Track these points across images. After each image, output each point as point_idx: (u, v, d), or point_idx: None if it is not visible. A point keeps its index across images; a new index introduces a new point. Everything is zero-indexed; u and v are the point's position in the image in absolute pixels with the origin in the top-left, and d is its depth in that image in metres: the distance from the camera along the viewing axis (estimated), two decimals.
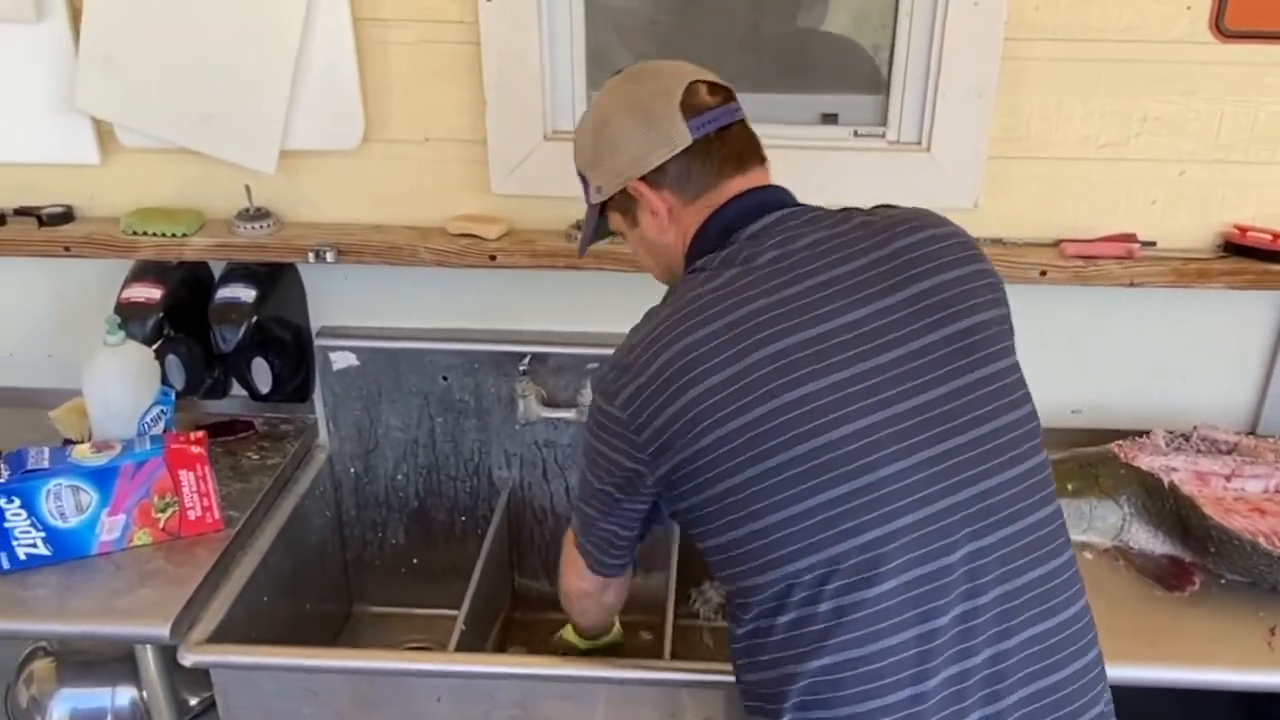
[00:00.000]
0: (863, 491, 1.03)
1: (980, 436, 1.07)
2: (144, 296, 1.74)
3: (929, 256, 1.12)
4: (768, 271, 1.10)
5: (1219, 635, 1.42)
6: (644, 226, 1.25)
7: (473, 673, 1.44)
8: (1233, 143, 1.66)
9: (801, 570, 1.04)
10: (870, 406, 1.04)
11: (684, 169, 1.20)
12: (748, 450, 1.04)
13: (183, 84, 1.67)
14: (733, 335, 1.06)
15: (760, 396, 1.04)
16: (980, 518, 1.06)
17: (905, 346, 1.07)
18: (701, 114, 1.19)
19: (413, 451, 1.94)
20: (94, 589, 1.47)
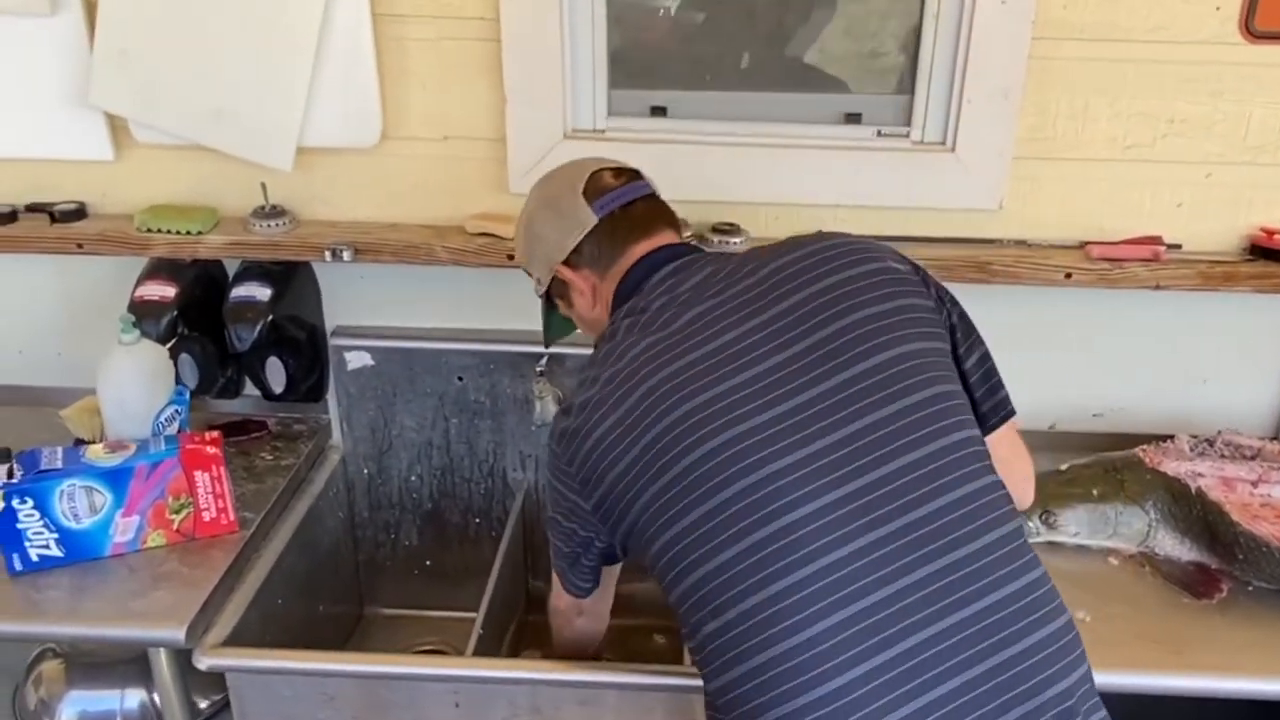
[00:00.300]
0: (775, 537, 1.01)
1: (899, 469, 1.03)
2: (158, 295, 1.72)
3: (817, 264, 1.14)
4: (674, 333, 1.14)
5: (1247, 643, 1.40)
6: (578, 306, 1.35)
7: (491, 677, 1.42)
8: (1261, 145, 1.64)
9: (721, 626, 1.03)
10: (776, 453, 1.04)
11: (595, 247, 1.29)
12: (663, 514, 1.07)
13: (198, 79, 1.65)
14: (641, 410, 1.10)
15: (666, 464, 1.07)
16: (907, 551, 1.00)
17: (811, 390, 1.06)
18: (603, 195, 1.29)
19: (427, 453, 1.93)
20: (108, 591, 1.46)
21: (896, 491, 1.02)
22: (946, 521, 1.02)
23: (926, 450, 1.04)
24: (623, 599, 1.99)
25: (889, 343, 1.08)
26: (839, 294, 1.11)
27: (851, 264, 1.14)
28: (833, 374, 1.07)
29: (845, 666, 0.97)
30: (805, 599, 0.99)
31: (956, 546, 1.01)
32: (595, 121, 1.72)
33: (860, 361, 1.07)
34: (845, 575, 0.99)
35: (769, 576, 1.00)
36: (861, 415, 1.05)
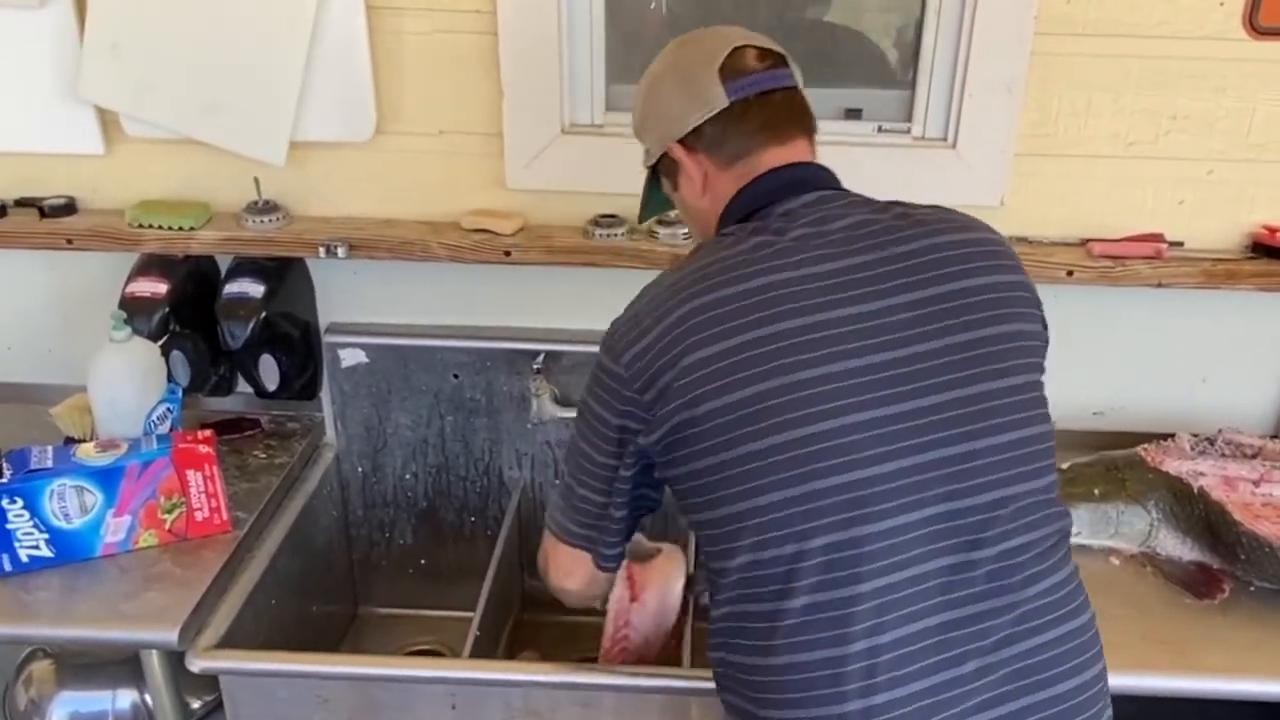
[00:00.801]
0: (843, 489, 1.00)
1: (977, 450, 1.03)
2: (149, 291, 1.69)
3: (961, 259, 1.08)
4: (792, 246, 1.07)
5: (1250, 644, 1.39)
6: (683, 191, 1.23)
7: (487, 679, 1.41)
8: (1264, 142, 1.63)
9: (770, 559, 1.02)
10: (868, 403, 1.01)
11: (719, 132, 1.16)
12: (742, 426, 1.01)
13: (190, 73, 1.63)
14: (748, 304, 1.03)
15: (764, 373, 1.01)
16: (969, 531, 1.02)
17: (915, 346, 1.03)
18: (742, 77, 1.15)
19: (422, 451, 1.91)
20: (99, 592, 1.44)
21: (975, 470, 1.03)
22: (1014, 509, 1.04)
23: (1011, 436, 1.05)
24: None
25: (1015, 367, 1.06)
26: (988, 298, 1.06)
27: (1003, 269, 1.10)
28: (967, 382, 1.03)
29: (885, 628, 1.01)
30: (863, 555, 1.00)
31: (1017, 535, 1.04)
32: (593, 116, 1.70)
33: (993, 379, 1.05)
34: (910, 540, 1.01)
35: (830, 525, 1.00)
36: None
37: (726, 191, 1.17)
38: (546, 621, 1.99)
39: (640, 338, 1.07)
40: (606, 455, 1.14)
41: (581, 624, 1.99)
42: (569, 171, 1.68)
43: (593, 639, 1.95)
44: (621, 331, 1.10)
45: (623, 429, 1.10)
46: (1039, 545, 1.06)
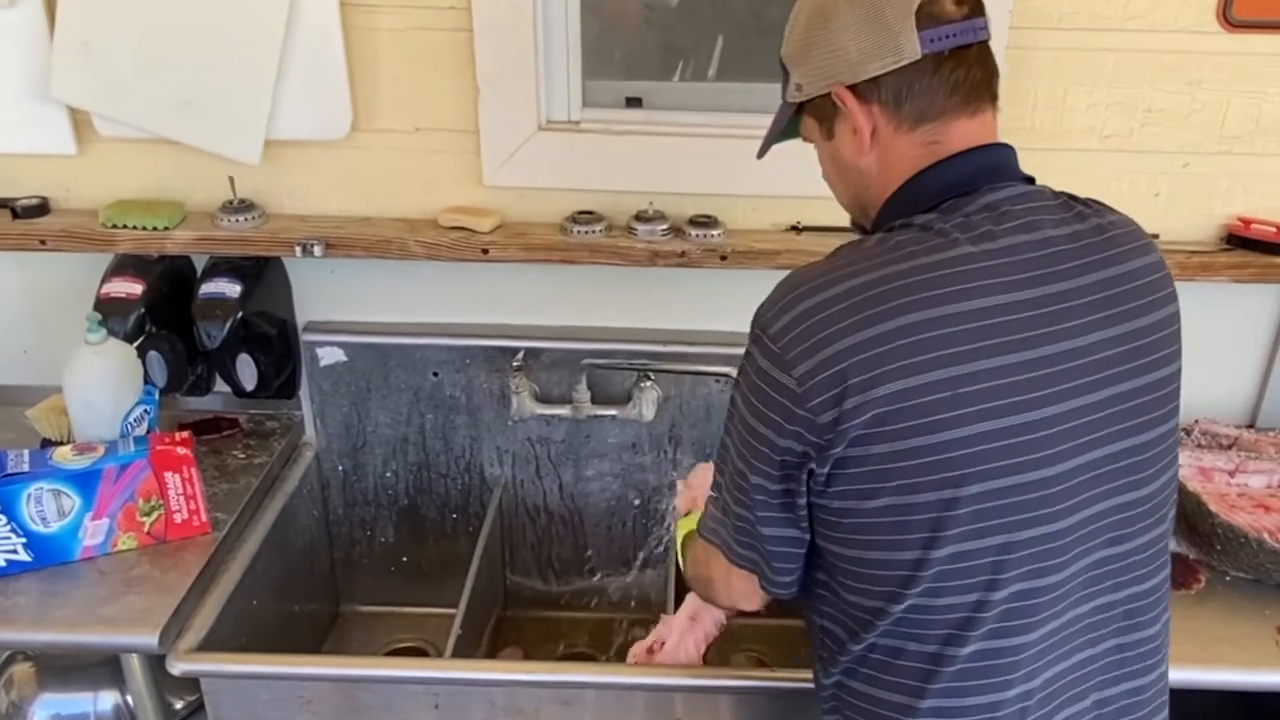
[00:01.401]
0: (1046, 538, 0.96)
1: (1141, 497, 1.01)
2: (124, 292, 1.68)
3: (1149, 288, 1.01)
4: (1005, 264, 0.95)
5: (1226, 635, 1.41)
6: (839, 142, 1.07)
7: (470, 679, 1.41)
8: (1238, 134, 1.64)
9: (946, 605, 0.97)
10: (1067, 452, 0.95)
11: (904, 87, 1.00)
12: (944, 470, 0.92)
13: (163, 71, 1.61)
14: (969, 329, 0.91)
15: (980, 413, 0.91)
16: (1117, 575, 1.03)
17: (1111, 388, 0.96)
18: (940, 25, 0.98)
19: (402, 449, 1.90)
20: (78, 596, 1.43)
21: (1146, 513, 1.02)
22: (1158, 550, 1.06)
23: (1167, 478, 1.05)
24: (604, 592, 2.01)
25: (1176, 408, 1.04)
26: (1165, 334, 1.02)
27: (1172, 298, 1.05)
28: (1149, 426, 0.99)
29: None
30: (1040, 604, 0.98)
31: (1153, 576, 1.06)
32: (570, 113, 1.69)
33: (1164, 422, 1.01)
34: (1075, 585, 1.00)
35: (1018, 576, 0.96)
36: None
37: (904, 160, 1.02)
38: (529, 617, 2.00)
39: (823, 346, 0.92)
40: (768, 479, 1.01)
41: (564, 619, 2.01)
42: (546, 168, 1.68)
43: (574, 634, 1.98)
44: (796, 335, 0.94)
45: (789, 451, 0.97)
46: (1159, 589, 1.06)
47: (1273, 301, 1.78)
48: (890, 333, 0.91)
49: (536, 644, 1.93)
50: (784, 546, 1.05)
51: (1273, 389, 1.82)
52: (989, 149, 1.03)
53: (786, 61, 1.10)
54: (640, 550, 1.96)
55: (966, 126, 1.01)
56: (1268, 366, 1.82)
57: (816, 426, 0.93)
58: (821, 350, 0.92)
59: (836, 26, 1.02)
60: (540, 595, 2.02)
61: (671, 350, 1.78)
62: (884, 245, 0.97)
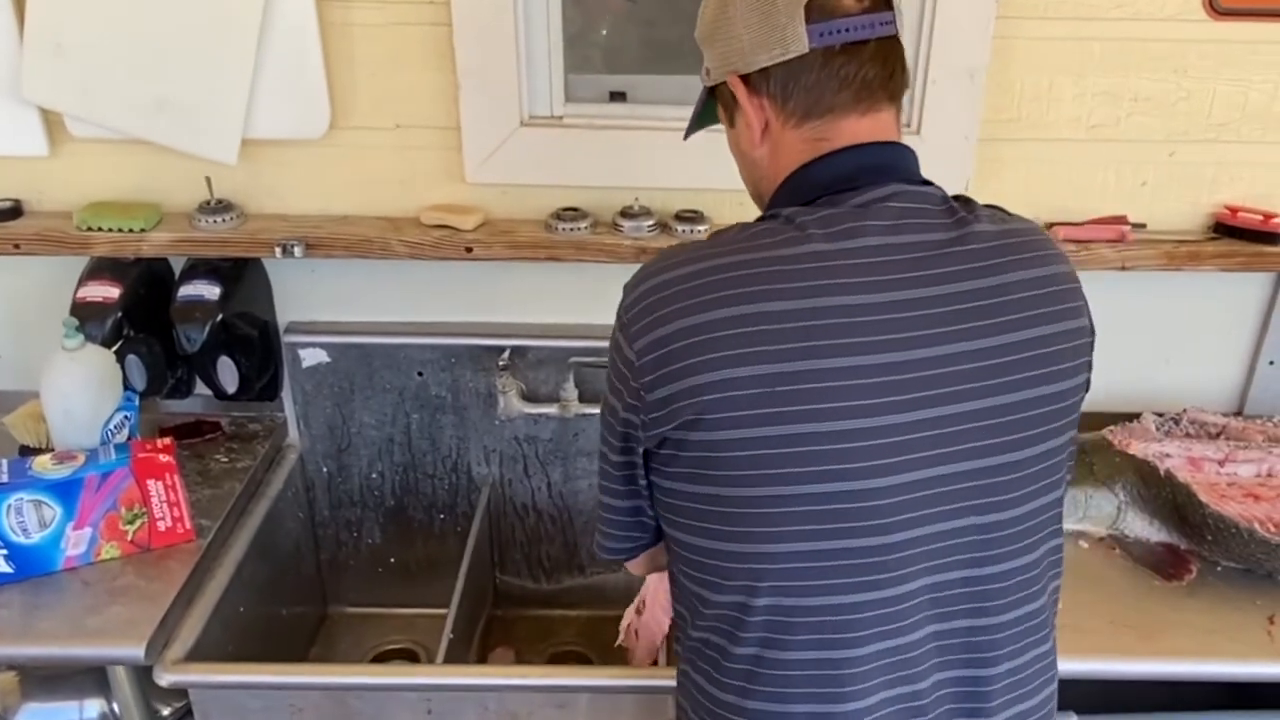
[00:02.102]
0: (876, 550, 0.93)
1: (1002, 520, 0.96)
2: (101, 295, 1.65)
3: (1037, 301, 0.95)
4: (855, 265, 0.92)
5: (1218, 626, 1.41)
6: (739, 131, 1.06)
7: (463, 684, 1.40)
8: (1225, 122, 1.63)
9: (765, 606, 0.95)
10: (906, 464, 0.91)
11: (792, 80, 0.97)
12: (759, 467, 0.91)
13: (136, 71, 1.57)
14: (793, 328, 0.89)
15: (798, 414, 0.89)
16: (983, 599, 0.98)
17: (966, 404, 0.92)
18: (833, 19, 0.95)
19: (388, 449, 1.88)
20: (62, 607, 1.41)
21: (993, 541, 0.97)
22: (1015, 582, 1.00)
23: (1029, 507, 0.98)
24: (594, 590, 2.00)
25: (1057, 429, 0.97)
26: (1047, 352, 0.95)
27: (1068, 314, 0.98)
28: (1009, 448, 0.94)
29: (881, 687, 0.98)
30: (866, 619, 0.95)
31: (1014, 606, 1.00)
32: (553, 108, 1.67)
33: (1035, 443, 0.96)
34: (916, 605, 0.96)
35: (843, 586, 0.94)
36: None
37: (791, 154, 1.00)
38: (519, 616, 2.00)
39: (658, 325, 0.93)
40: (611, 449, 1.02)
41: (555, 617, 2.00)
42: (529, 165, 1.65)
43: (565, 631, 1.97)
44: (639, 310, 0.95)
45: (628, 423, 0.98)
46: (1018, 624, 1.00)
47: (1258, 289, 1.78)
48: (718, 321, 0.90)
49: (527, 643, 1.92)
50: (617, 515, 1.08)
51: (1259, 376, 1.83)
52: (876, 147, 0.99)
53: (699, 42, 1.08)
54: None
55: (856, 124, 0.98)
56: (1254, 354, 1.82)
57: (647, 403, 0.94)
58: (657, 329, 0.93)
59: (733, 14, 1.00)
60: (530, 594, 2.00)
61: None
62: (744, 234, 0.96)
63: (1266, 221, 1.64)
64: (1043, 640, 1.04)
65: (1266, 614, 1.42)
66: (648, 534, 1.10)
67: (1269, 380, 1.83)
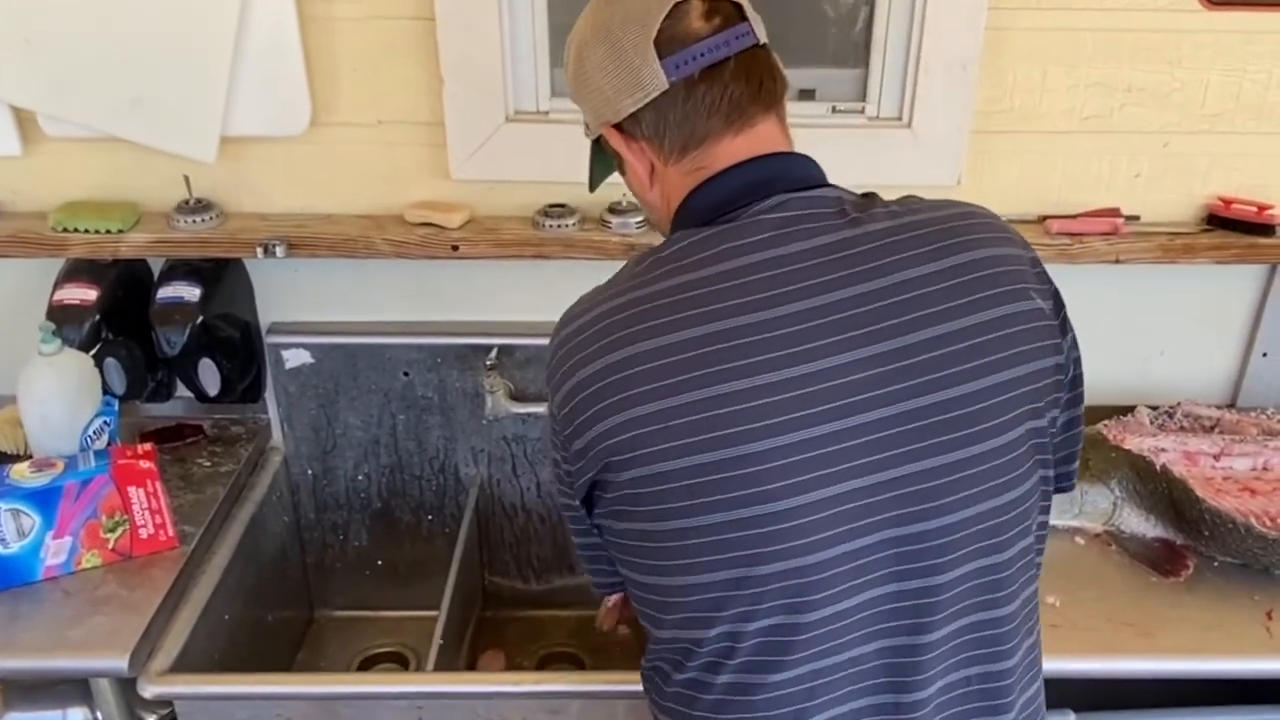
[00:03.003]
0: (794, 573, 0.89)
1: (928, 530, 0.90)
2: (78, 298, 1.62)
3: (950, 292, 0.89)
4: (743, 282, 0.89)
5: (1215, 622, 1.40)
6: (629, 177, 1.06)
7: (453, 692, 1.38)
8: (1218, 113, 1.62)
9: (695, 639, 0.94)
10: (820, 480, 0.87)
11: (660, 119, 0.96)
12: (674, 499, 0.89)
13: (110, 67, 1.54)
14: (688, 357, 0.87)
15: (704, 443, 0.86)
16: (920, 613, 0.93)
17: (876, 411, 0.87)
18: (684, 48, 0.94)
19: (374, 451, 1.85)
20: (43, 618, 1.38)
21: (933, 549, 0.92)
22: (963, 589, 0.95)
23: (987, 506, 0.92)
24: (584, 590, 1.98)
25: (1006, 423, 0.91)
26: (977, 343, 0.89)
27: (1007, 297, 0.91)
28: (927, 454, 0.89)
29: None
30: (796, 642, 0.92)
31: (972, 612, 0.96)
32: (539, 103, 1.64)
33: (961, 448, 0.89)
34: (849, 624, 0.93)
35: (768, 610, 0.91)
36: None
37: (678, 189, 0.99)
38: (509, 617, 1.98)
39: (570, 376, 0.92)
40: (563, 494, 1.04)
41: (545, 618, 1.98)
42: (515, 161, 1.63)
43: (556, 632, 1.95)
44: (556, 361, 0.95)
45: (564, 469, 0.99)
46: (956, 637, 0.95)
47: (1252, 281, 1.77)
48: (615, 364, 0.89)
49: (518, 644, 1.90)
50: (586, 551, 1.15)
51: (1253, 368, 1.82)
52: (755, 163, 0.97)
53: (572, 100, 1.08)
54: None
55: (732, 145, 0.97)
56: (1247, 346, 1.81)
57: (571, 454, 0.94)
58: (566, 382, 0.93)
59: (590, 66, 0.99)
60: (520, 594, 1.98)
61: None
62: (636, 269, 0.95)
63: (1260, 213, 1.63)
64: (997, 656, 0.98)
65: (1264, 609, 1.42)
66: (608, 568, 1.12)
67: (1262, 372, 1.82)
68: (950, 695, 0.97)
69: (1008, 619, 0.96)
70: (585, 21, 1.02)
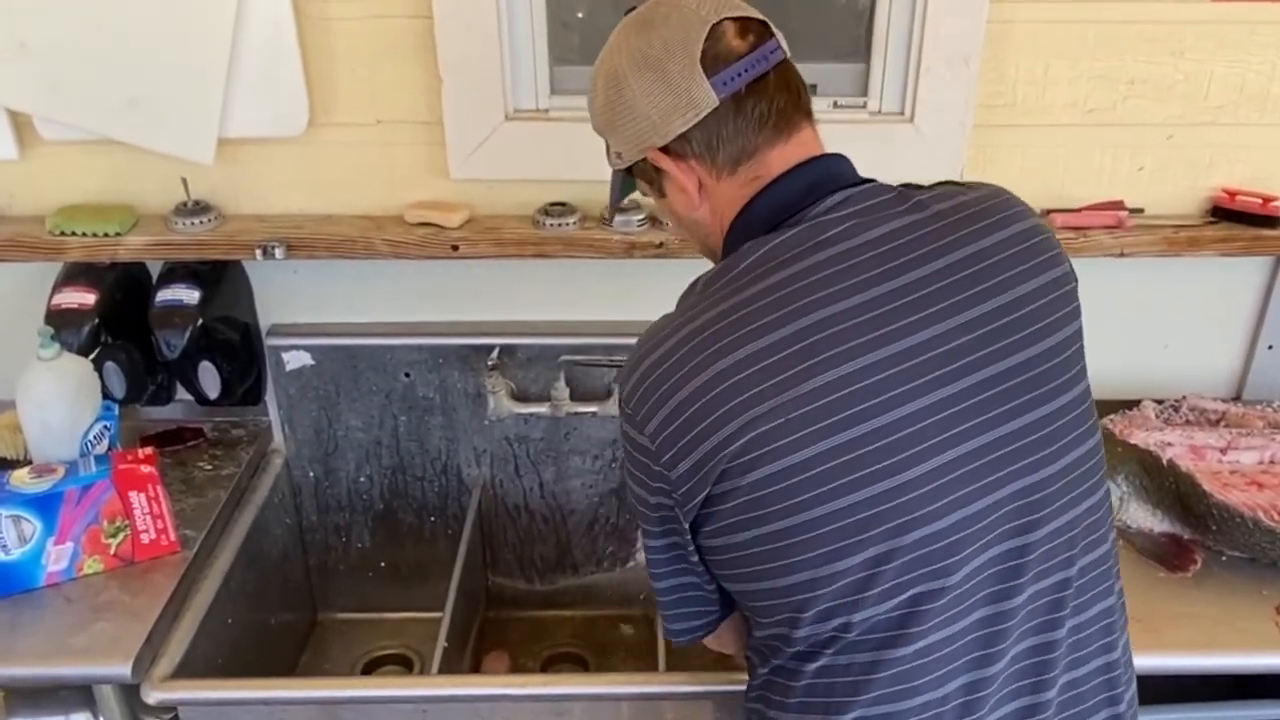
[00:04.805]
0: (922, 543, 0.92)
1: (1045, 478, 0.95)
2: (76, 302, 1.61)
3: (1017, 259, 0.96)
4: (830, 275, 0.94)
5: (1224, 617, 1.39)
6: (672, 200, 1.09)
7: (458, 695, 1.37)
8: (1222, 104, 1.61)
9: (841, 624, 0.95)
10: (941, 444, 0.91)
11: (712, 136, 1.01)
12: (795, 495, 0.91)
13: (107, 69, 1.53)
14: (792, 352, 0.91)
15: (822, 430, 0.90)
16: (1048, 558, 0.98)
17: (973, 375, 0.93)
18: (728, 66, 0.98)
19: (376, 452, 1.85)
20: (45, 625, 1.38)
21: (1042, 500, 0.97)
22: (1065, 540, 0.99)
23: (1071, 458, 0.97)
24: (588, 590, 1.97)
25: (1073, 378, 0.98)
26: (1040, 305, 0.96)
27: (1049, 264, 0.99)
28: (1032, 405, 0.94)
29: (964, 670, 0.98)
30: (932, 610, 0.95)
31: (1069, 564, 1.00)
32: (538, 100, 1.63)
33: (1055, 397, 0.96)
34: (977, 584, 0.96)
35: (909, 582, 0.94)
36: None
37: (732, 201, 1.03)
38: (513, 618, 1.97)
39: (665, 401, 0.94)
40: (651, 535, 1.04)
41: (549, 618, 1.97)
42: (515, 159, 1.62)
43: (560, 633, 1.94)
44: (641, 395, 0.97)
45: (660, 506, 1.00)
46: (1091, 570, 1.02)
47: (1257, 273, 1.76)
48: (721, 373, 0.92)
49: (522, 645, 1.90)
50: (677, 594, 1.09)
51: (1258, 361, 1.81)
52: (808, 165, 1.02)
53: (599, 133, 1.11)
54: (624, 546, 1.93)
55: (784, 152, 1.02)
56: (1252, 339, 1.80)
57: (675, 479, 0.96)
58: (662, 407, 0.94)
59: (630, 94, 1.03)
60: (523, 595, 1.98)
61: None
62: (707, 289, 0.99)
63: (1265, 205, 1.61)
64: (1107, 592, 1.05)
65: (1273, 604, 1.41)
66: (714, 606, 1.10)
67: (1268, 365, 1.81)
68: (1077, 637, 1.02)
69: (1106, 558, 1.04)
70: (615, 54, 1.05)
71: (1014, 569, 0.96)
